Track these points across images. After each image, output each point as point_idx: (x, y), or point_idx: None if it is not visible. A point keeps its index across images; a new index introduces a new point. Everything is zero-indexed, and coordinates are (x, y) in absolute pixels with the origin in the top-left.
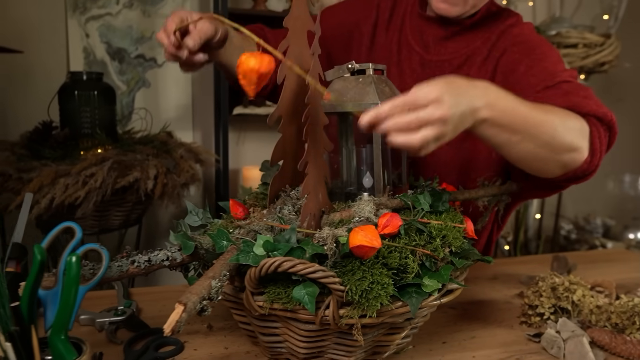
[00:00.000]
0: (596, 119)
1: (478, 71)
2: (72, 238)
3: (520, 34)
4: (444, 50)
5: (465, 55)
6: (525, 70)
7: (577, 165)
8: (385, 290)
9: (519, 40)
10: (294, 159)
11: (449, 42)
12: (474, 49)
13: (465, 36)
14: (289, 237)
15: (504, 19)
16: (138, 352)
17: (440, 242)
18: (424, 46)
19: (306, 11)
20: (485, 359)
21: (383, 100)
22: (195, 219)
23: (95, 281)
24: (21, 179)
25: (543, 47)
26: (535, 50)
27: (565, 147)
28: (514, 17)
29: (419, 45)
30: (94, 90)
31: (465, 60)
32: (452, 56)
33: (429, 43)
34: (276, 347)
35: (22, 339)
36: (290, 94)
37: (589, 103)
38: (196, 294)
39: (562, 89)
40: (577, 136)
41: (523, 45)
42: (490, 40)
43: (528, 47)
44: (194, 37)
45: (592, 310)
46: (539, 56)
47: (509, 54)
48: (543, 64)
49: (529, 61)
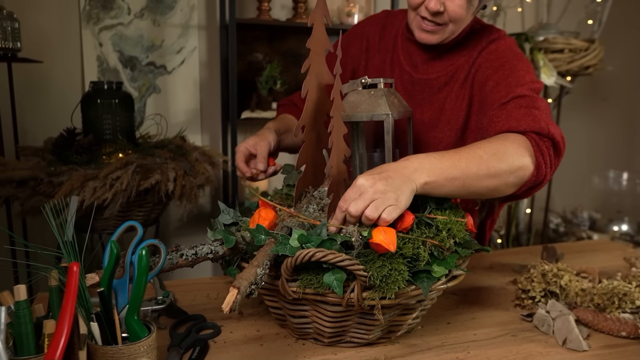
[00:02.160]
0: (535, 134)
1: (460, 88)
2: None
3: (495, 50)
4: (431, 69)
5: (450, 73)
6: (492, 87)
7: (526, 180)
8: (402, 276)
9: (492, 56)
10: (314, 163)
11: (435, 62)
12: (458, 67)
13: (450, 55)
14: (319, 231)
15: (487, 36)
16: (182, 334)
17: (446, 234)
18: (413, 66)
19: (324, 33)
20: (485, 336)
21: (393, 111)
22: (228, 218)
23: (156, 270)
24: (52, 183)
25: (513, 61)
26: (504, 66)
27: (506, 172)
28: (496, 33)
29: (408, 65)
30: (114, 99)
31: (450, 78)
32: (438, 74)
33: (417, 63)
34: (304, 328)
35: (105, 320)
36: (312, 106)
37: (527, 121)
38: (246, 279)
39: (507, 109)
40: (515, 158)
41: (495, 62)
42: (472, 57)
43: (499, 63)
44: (260, 161)
45: (577, 293)
46: (507, 72)
47: (483, 69)
48: (509, 79)
49: (497, 77)
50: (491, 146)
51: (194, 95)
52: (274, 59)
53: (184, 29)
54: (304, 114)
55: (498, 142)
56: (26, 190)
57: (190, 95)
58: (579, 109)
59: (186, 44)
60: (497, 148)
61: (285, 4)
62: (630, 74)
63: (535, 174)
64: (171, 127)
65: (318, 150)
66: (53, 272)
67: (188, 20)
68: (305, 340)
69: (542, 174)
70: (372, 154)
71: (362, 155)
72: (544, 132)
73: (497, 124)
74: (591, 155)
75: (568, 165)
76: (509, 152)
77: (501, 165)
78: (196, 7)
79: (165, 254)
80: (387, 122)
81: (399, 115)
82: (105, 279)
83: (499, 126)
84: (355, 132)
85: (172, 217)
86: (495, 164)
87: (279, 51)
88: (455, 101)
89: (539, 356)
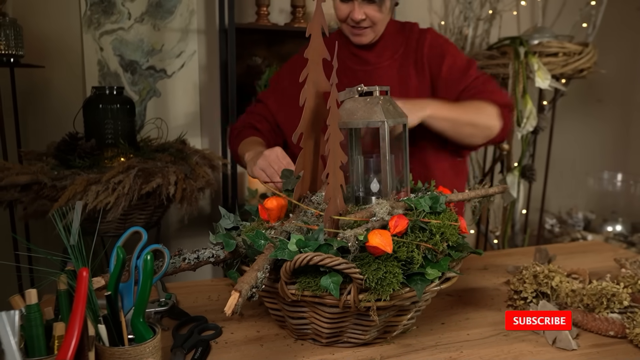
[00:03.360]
0: (503, 105)
1: (416, 73)
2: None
3: (433, 40)
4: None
5: (398, 60)
6: (447, 71)
7: (493, 136)
8: (396, 278)
9: (434, 43)
10: (312, 168)
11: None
12: (403, 54)
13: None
14: (317, 236)
15: (410, 27)
16: (185, 335)
17: (440, 237)
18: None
19: (322, 42)
20: (478, 335)
21: (388, 118)
22: (228, 222)
23: (160, 274)
24: (55, 187)
25: (450, 48)
26: (447, 54)
27: (482, 126)
28: (415, 24)
29: (358, 65)
30: (116, 104)
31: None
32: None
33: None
34: (303, 328)
35: (112, 322)
36: (310, 114)
37: (495, 95)
38: (247, 283)
39: (476, 87)
40: (491, 119)
41: (438, 49)
42: (411, 47)
43: (442, 51)
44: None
45: (567, 293)
46: (452, 59)
47: (432, 58)
48: (456, 64)
49: (446, 64)
50: (476, 106)
51: (194, 99)
52: (273, 62)
53: (184, 33)
54: (302, 121)
55: (481, 105)
56: (30, 194)
57: (190, 99)
58: (574, 111)
59: (186, 48)
60: (480, 108)
61: (284, 9)
62: (624, 76)
63: (499, 133)
64: (172, 130)
65: (316, 157)
66: (62, 276)
67: (188, 25)
68: (303, 341)
69: (504, 134)
70: (369, 159)
71: (358, 161)
72: (507, 103)
73: (478, 95)
74: (586, 156)
75: (564, 166)
76: (487, 113)
77: (480, 121)
78: (195, 12)
79: (169, 258)
80: (382, 129)
81: (394, 122)
82: (112, 283)
83: (477, 98)
84: (352, 138)
85: (172, 219)
86: (477, 118)
87: (277, 55)
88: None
89: (529, 355)
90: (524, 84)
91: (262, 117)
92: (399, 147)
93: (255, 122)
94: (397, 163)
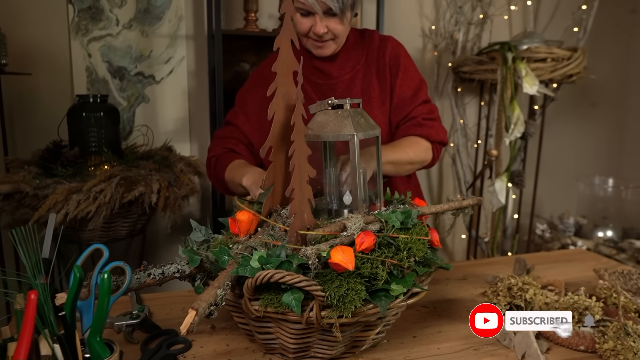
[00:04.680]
0: (437, 142)
1: (378, 83)
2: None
3: (392, 50)
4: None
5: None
6: (399, 87)
7: (424, 165)
8: (359, 295)
9: (393, 54)
10: (284, 182)
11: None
12: (365, 64)
13: (347, 56)
14: (279, 253)
15: (370, 35)
16: (153, 350)
17: (406, 253)
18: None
19: (292, 55)
20: (448, 350)
21: (358, 131)
22: (199, 235)
23: (121, 292)
24: (37, 196)
25: (406, 62)
26: (401, 68)
27: (420, 161)
28: (374, 32)
29: (321, 78)
30: (100, 112)
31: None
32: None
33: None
34: (270, 343)
35: (67, 341)
36: (280, 127)
37: (432, 131)
38: (205, 300)
39: (417, 119)
40: (426, 153)
41: (396, 60)
42: (373, 56)
43: (399, 63)
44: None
45: (541, 307)
46: (406, 74)
47: (391, 68)
48: (407, 83)
49: (400, 78)
50: (413, 142)
51: (183, 105)
52: None
53: (172, 39)
54: (270, 135)
55: (417, 141)
56: (12, 203)
57: (179, 105)
58: (565, 116)
59: (174, 54)
60: (416, 145)
61: (273, 14)
62: (617, 79)
63: (430, 164)
64: (161, 135)
65: (287, 170)
66: (18, 296)
67: (176, 31)
68: (272, 355)
69: (434, 163)
70: (342, 172)
71: (332, 173)
72: (439, 139)
73: (413, 130)
74: (577, 161)
75: (555, 171)
76: (422, 148)
77: (418, 158)
78: (184, 18)
79: (130, 275)
80: (352, 142)
81: (364, 135)
82: (68, 303)
83: (415, 132)
84: (327, 150)
85: (159, 226)
86: (414, 156)
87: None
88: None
89: None
90: (512, 90)
91: (236, 139)
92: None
93: (232, 145)
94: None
